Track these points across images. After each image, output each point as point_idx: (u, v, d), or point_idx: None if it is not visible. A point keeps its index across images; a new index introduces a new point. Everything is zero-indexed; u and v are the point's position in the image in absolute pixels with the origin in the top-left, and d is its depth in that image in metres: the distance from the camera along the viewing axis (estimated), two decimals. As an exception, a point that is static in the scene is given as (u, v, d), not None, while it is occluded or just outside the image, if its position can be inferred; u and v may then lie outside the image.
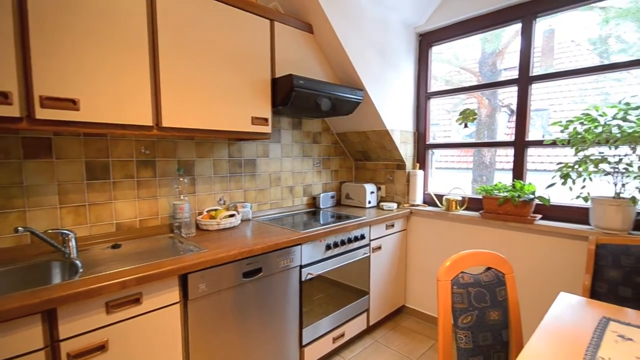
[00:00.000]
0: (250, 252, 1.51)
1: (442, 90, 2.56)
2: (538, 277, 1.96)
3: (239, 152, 2.12)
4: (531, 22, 2.01)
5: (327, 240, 1.92)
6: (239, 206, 2.04)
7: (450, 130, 3.41)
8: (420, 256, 2.53)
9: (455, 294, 1.17)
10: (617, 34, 2.06)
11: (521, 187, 2.01)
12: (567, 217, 1.92)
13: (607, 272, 1.55)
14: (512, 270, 1.27)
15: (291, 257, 1.71)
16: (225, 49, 1.65)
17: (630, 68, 1.75)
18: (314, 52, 2.12)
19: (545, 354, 0.91)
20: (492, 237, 2.14)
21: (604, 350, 0.91)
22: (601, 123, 1.66)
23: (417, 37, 2.56)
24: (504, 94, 2.92)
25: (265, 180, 2.29)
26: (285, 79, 1.77)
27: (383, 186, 2.72)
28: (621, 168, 1.63)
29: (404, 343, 2.26)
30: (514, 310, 1.24)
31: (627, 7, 1.94)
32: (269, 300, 1.64)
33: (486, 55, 2.92)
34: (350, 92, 2.08)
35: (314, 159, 2.60)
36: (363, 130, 2.52)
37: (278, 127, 2.33)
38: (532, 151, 2.13)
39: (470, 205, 2.33)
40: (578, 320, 1.08)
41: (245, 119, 1.75)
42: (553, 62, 3.07)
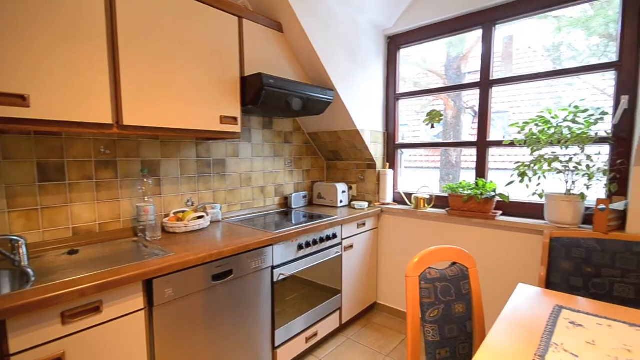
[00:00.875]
0: (220, 255, 1.47)
1: (410, 91, 2.63)
2: (499, 270, 2.07)
3: (208, 152, 2.06)
4: (491, 28, 2.12)
5: (299, 240, 1.91)
6: (208, 207, 1.99)
7: (419, 131, 3.52)
8: (390, 253, 2.59)
9: (423, 289, 1.21)
10: (569, 42, 2.21)
11: (483, 185, 2.11)
12: (524, 213, 2.04)
13: (560, 263, 1.67)
14: (475, 264, 1.33)
15: (263, 258, 1.69)
16: (192, 45, 1.60)
17: (580, 74, 1.89)
18: (284, 51, 2.11)
19: (505, 342, 0.96)
20: (458, 233, 2.23)
21: (557, 337, 0.97)
22: (554, 125, 1.78)
23: (385, 39, 2.62)
24: (468, 97, 3.05)
25: (236, 180, 2.24)
26: (254, 78, 1.75)
27: (354, 185, 2.76)
28: (571, 167, 1.76)
29: (376, 339, 2.30)
30: (477, 303, 1.29)
31: (578, 17, 2.10)
32: (240, 303, 1.61)
33: (451, 59, 3.04)
34: (321, 92, 2.09)
35: (286, 158, 2.58)
36: (334, 130, 2.54)
37: (248, 126, 2.30)
38: (494, 151, 2.24)
39: (437, 203, 2.41)
40: (534, 309, 1.15)
41: (214, 118, 1.71)
42: (512, 67, 3.25)
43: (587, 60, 1.93)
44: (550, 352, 0.89)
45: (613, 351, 0.89)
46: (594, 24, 2.05)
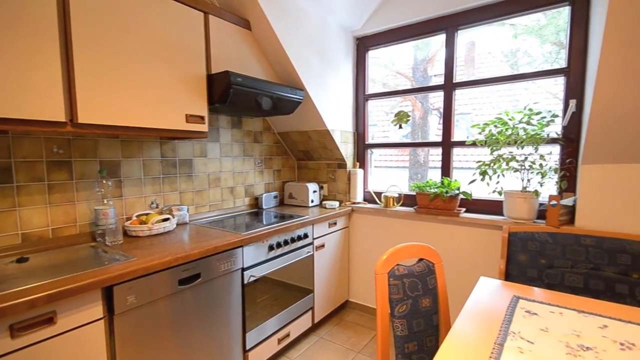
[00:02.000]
0: (187, 258, 1.42)
1: (379, 92, 2.69)
2: (463, 264, 2.17)
3: (173, 152, 1.99)
4: (454, 33, 2.22)
5: (270, 241, 1.89)
6: (174, 209, 1.92)
7: (388, 131, 3.60)
8: (361, 252, 2.63)
9: (391, 286, 1.23)
10: (525, 49, 2.35)
11: (448, 183, 2.20)
12: (486, 209, 2.15)
13: (518, 256, 1.77)
14: (441, 259, 1.38)
15: (232, 260, 1.66)
16: (155, 40, 1.53)
17: (534, 78, 2.02)
18: (253, 49, 2.08)
19: (469, 333, 1.01)
20: (425, 230, 2.30)
21: (514, 325, 1.03)
22: (510, 126, 1.89)
23: (354, 40, 2.66)
24: (434, 98, 3.17)
25: (204, 181, 2.18)
26: (221, 76, 1.70)
27: (325, 185, 2.77)
28: (527, 165, 1.88)
29: (348, 337, 2.33)
30: (442, 297, 1.34)
31: (532, 25, 2.23)
32: (209, 307, 1.56)
33: (418, 62, 3.14)
34: (291, 91, 2.08)
35: (256, 158, 2.54)
36: (305, 130, 2.54)
37: (216, 125, 2.24)
38: (458, 151, 2.34)
39: (406, 201, 2.48)
40: (495, 300, 1.21)
41: (179, 117, 1.65)
42: (474, 71, 3.40)
43: (541, 66, 2.07)
44: (508, 340, 0.95)
45: (564, 337, 0.96)
46: (546, 32, 2.19)
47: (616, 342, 0.93)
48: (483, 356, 0.88)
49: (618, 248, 1.56)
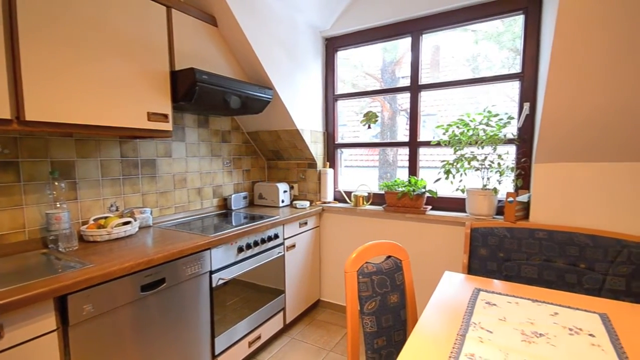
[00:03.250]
0: (150, 262, 1.36)
1: (348, 93, 2.72)
2: (430, 260, 2.25)
3: (135, 152, 1.89)
4: (419, 37, 2.29)
5: (240, 242, 1.86)
6: (136, 212, 1.82)
7: (358, 131, 3.65)
8: (332, 251, 2.65)
9: (361, 283, 1.25)
10: (485, 54, 2.47)
11: (415, 182, 2.27)
12: (450, 206, 2.25)
13: (479, 250, 1.87)
14: (408, 256, 1.42)
15: (200, 264, 1.60)
16: (112, 33, 1.45)
17: (493, 82, 2.13)
18: (219, 46, 2.02)
19: (434, 325, 1.05)
20: (394, 228, 2.36)
21: (475, 316, 1.08)
22: (472, 127, 1.98)
23: (323, 40, 2.67)
24: (402, 99, 3.26)
25: (169, 182, 2.09)
26: (186, 73, 1.64)
27: (296, 185, 2.76)
28: (486, 164, 1.98)
29: (320, 336, 2.34)
30: (409, 292, 1.39)
31: (491, 31, 2.36)
32: (175, 313, 1.50)
33: (387, 64, 3.21)
34: (259, 90, 2.05)
35: (224, 158, 2.48)
36: (274, 130, 2.52)
37: (182, 124, 2.16)
38: (424, 150, 2.42)
39: (375, 200, 2.53)
40: (458, 293, 1.27)
41: (140, 114, 1.57)
42: (439, 74, 3.53)
43: (499, 71, 2.19)
44: (470, 331, 0.99)
45: (520, 325, 1.02)
46: (504, 39, 2.32)
47: (565, 328, 1.00)
48: (447, 347, 0.92)
49: (567, 241, 1.68)
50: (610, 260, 1.60)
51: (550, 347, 0.91)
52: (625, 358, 0.86)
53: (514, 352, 0.89)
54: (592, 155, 1.72)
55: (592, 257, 1.63)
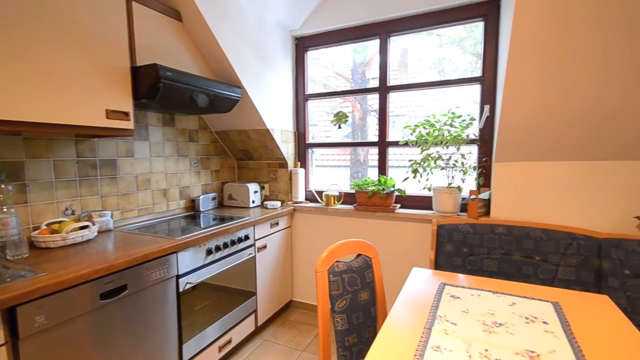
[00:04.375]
0: (110, 269, 1.28)
1: (318, 93, 2.73)
2: (399, 257, 2.31)
3: (92, 152, 1.78)
4: (386, 39, 2.35)
5: (209, 245, 1.80)
6: (95, 215, 1.72)
7: (330, 131, 3.68)
8: (304, 250, 2.64)
9: (331, 282, 1.26)
10: (449, 57, 2.57)
11: (385, 181, 2.32)
12: (418, 204, 2.32)
13: (445, 246, 1.94)
14: (377, 254, 1.45)
15: (165, 268, 1.54)
16: (66, 24, 1.35)
17: (456, 85, 2.23)
18: (185, 42, 1.96)
19: (402, 320, 1.07)
20: (364, 227, 2.40)
21: (441, 310, 1.13)
22: (437, 128, 2.06)
23: (293, 40, 2.66)
24: (372, 100, 3.32)
25: (131, 183, 1.99)
26: (148, 69, 1.57)
27: (266, 185, 2.73)
28: (451, 163, 2.06)
29: (292, 336, 2.33)
30: (379, 289, 1.41)
31: (455, 36, 2.46)
32: (139, 320, 1.43)
33: (357, 65, 3.25)
34: (228, 88, 2.00)
35: (191, 158, 2.40)
36: (244, 129, 2.47)
37: (145, 123, 2.06)
38: (393, 150, 2.48)
39: (346, 199, 2.56)
40: (425, 288, 1.31)
41: (97, 112, 1.48)
42: (408, 76, 3.63)
43: (463, 74, 2.28)
44: (436, 324, 1.03)
45: (481, 316, 1.08)
46: (466, 44, 2.42)
47: (522, 317, 1.07)
48: (414, 341, 0.94)
49: (524, 235, 1.80)
50: (562, 252, 1.72)
51: (509, 335, 0.96)
52: (574, 342, 0.92)
53: (476, 342, 0.93)
54: (546, 154, 1.84)
55: (546, 250, 1.75)
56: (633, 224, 1.73)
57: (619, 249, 1.60)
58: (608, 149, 1.71)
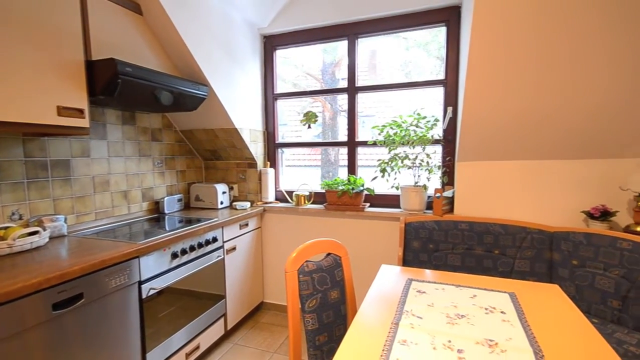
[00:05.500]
0: (64, 277, 1.20)
1: (288, 92, 2.72)
2: (369, 255, 2.35)
3: (42, 151, 1.65)
4: (354, 41, 2.38)
5: (174, 248, 1.74)
6: (46, 220, 1.59)
7: (300, 131, 3.67)
8: (275, 251, 2.62)
9: (301, 282, 1.26)
10: (415, 60, 2.66)
11: (354, 180, 2.35)
12: (386, 203, 2.38)
13: (412, 243, 2.00)
14: (347, 253, 1.46)
15: (127, 274, 1.46)
16: (11, 13, 1.24)
17: (422, 87, 2.30)
18: (146, 37, 1.87)
19: (371, 317, 1.09)
20: (335, 226, 2.42)
21: (408, 305, 1.16)
22: (404, 128, 2.12)
23: (261, 38, 2.62)
24: (343, 100, 3.35)
25: (87, 185, 1.87)
26: (105, 63, 1.48)
27: (235, 185, 2.67)
28: (417, 163, 2.13)
29: (263, 338, 2.30)
30: (349, 287, 1.43)
31: (420, 40, 2.54)
32: (98, 330, 1.35)
33: (327, 65, 3.27)
34: (193, 86, 1.94)
35: (155, 158, 2.30)
36: (211, 128, 2.40)
37: (102, 121, 1.94)
38: (363, 150, 2.52)
39: (316, 199, 2.56)
40: (393, 284, 1.34)
41: (47, 109, 1.37)
42: (377, 77, 3.71)
43: (428, 76, 2.36)
44: (403, 318, 1.06)
45: (445, 309, 1.12)
46: (431, 48, 2.51)
47: (482, 308, 1.12)
48: (382, 336, 0.96)
49: (484, 230, 1.89)
50: (518, 245, 1.83)
51: (470, 326, 1.01)
52: (529, 329, 0.99)
53: (440, 334, 0.97)
54: (504, 154, 1.95)
55: (504, 244, 1.86)
56: (580, 218, 1.88)
57: (567, 241, 1.74)
58: (559, 150, 1.85)
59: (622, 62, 1.48)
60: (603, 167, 1.82)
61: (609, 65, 1.50)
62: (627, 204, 1.80)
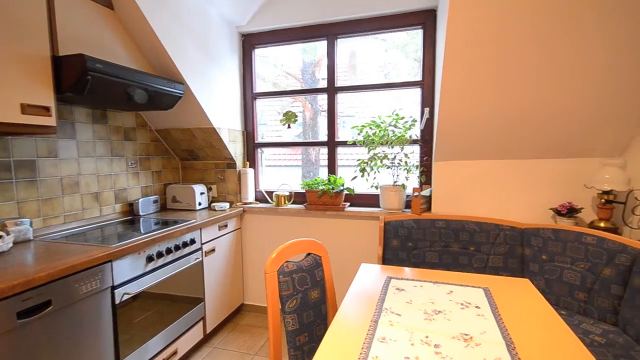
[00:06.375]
0: (29, 284, 1.14)
1: (267, 92, 2.69)
2: (349, 254, 2.37)
3: (5, 151, 1.56)
4: (334, 41, 2.39)
5: (149, 251, 1.68)
6: (9, 224, 1.50)
7: (281, 130, 3.64)
8: (255, 252, 2.59)
9: (281, 283, 1.25)
10: (394, 62, 2.69)
11: (334, 180, 2.36)
12: (366, 202, 2.40)
13: (391, 242, 2.03)
14: (327, 252, 1.47)
15: (98, 279, 1.40)
16: (-33, 5, 1.16)
17: (400, 88, 2.34)
18: (118, 33, 1.80)
19: (351, 315, 1.10)
20: (315, 226, 2.42)
21: (387, 302, 1.18)
22: (382, 128, 2.15)
23: (240, 36, 2.59)
24: (323, 100, 3.35)
25: (55, 187, 1.78)
26: (74, 59, 1.41)
27: (214, 186, 2.62)
28: (396, 162, 2.17)
29: (244, 341, 2.26)
30: (329, 287, 1.43)
31: (398, 42, 2.58)
32: (68, 339, 1.28)
33: (307, 65, 3.26)
34: (168, 84, 1.88)
35: (129, 159, 2.22)
36: (188, 128, 2.35)
37: (71, 119, 1.85)
38: (343, 150, 2.54)
39: (297, 199, 2.56)
40: (373, 282, 1.36)
41: (10, 106, 1.29)
42: (357, 78, 3.74)
43: (406, 78, 2.41)
44: (382, 316, 1.07)
45: (423, 305, 1.14)
46: (409, 50, 2.56)
47: (458, 304, 1.15)
48: (362, 334, 0.97)
49: (460, 228, 1.95)
50: (492, 242, 1.90)
51: (447, 321, 1.04)
52: (501, 323, 1.02)
53: (418, 330, 0.99)
54: (478, 154, 2.02)
55: (479, 241, 1.92)
56: (549, 215, 1.97)
57: (537, 237, 1.81)
58: (529, 149, 1.93)
59: (588, 67, 1.56)
60: (570, 166, 1.92)
61: (576, 70, 1.58)
62: (591, 201, 1.90)
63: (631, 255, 1.50)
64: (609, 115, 1.69)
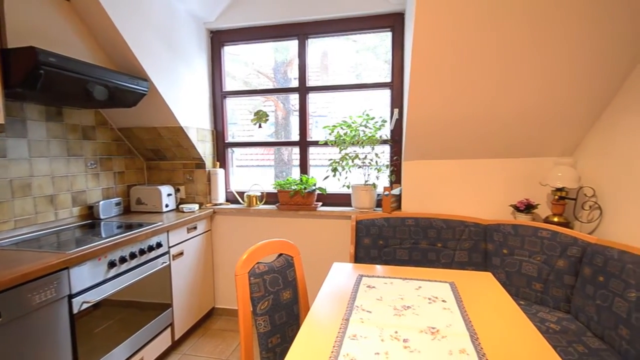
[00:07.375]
0: (-28, 296, 1.04)
1: (237, 90, 2.64)
2: (321, 253, 2.37)
3: (-56, 151, 1.42)
4: (304, 41, 2.39)
5: (111, 256, 1.60)
6: (-51, 231, 1.37)
7: (253, 130, 3.59)
8: (226, 254, 2.53)
9: (252, 285, 1.23)
10: (365, 63, 2.73)
11: (306, 180, 2.36)
12: (338, 202, 2.42)
13: (363, 240, 2.06)
14: (299, 252, 1.46)
15: (53, 288, 1.31)
16: None
17: (371, 89, 2.38)
18: (75, 26, 1.69)
19: (323, 314, 1.10)
20: (287, 226, 2.41)
21: (358, 300, 1.19)
22: (353, 128, 2.18)
23: (208, 33, 2.52)
24: (295, 100, 3.34)
25: (3, 189, 1.64)
26: (24, 53, 1.31)
27: (182, 187, 2.54)
28: (367, 162, 2.20)
29: (215, 346, 2.21)
30: (302, 287, 1.43)
31: (369, 43, 2.62)
32: (20, 353, 1.19)
33: (279, 64, 3.23)
34: (130, 80, 1.79)
35: (87, 159, 2.09)
36: (153, 126, 2.25)
37: (21, 117, 1.71)
38: (315, 149, 2.54)
39: (269, 199, 2.53)
40: (345, 281, 1.37)
41: (-51, 102, 1.18)
42: (329, 78, 3.76)
43: (377, 79, 2.45)
44: (353, 314, 1.09)
45: (393, 301, 1.17)
46: (379, 51, 2.61)
47: (426, 298, 1.19)
48: (333, 333, 0.98)
49: (428, 225, 2.02)
50: (457, 238, 1.98)
51: (415, 316, 1.07)
52: (466, 315, 1.07)
53: (388, 326, 1.01)
54: (444, 154, 2.10)
55: (446, 237, 1.99)
56: (509, 211, 2.08)
57: (498, 232, 1.91)
58: (491, 149, 2.04)
59: (542, 73, 1.66)
60: (527, 165, 2.04)
61: (535, 74, 1.68)
62: (546, 197, 2.04)
63: (581, 247, 1.62)
64: (562, 117, 1.82)
